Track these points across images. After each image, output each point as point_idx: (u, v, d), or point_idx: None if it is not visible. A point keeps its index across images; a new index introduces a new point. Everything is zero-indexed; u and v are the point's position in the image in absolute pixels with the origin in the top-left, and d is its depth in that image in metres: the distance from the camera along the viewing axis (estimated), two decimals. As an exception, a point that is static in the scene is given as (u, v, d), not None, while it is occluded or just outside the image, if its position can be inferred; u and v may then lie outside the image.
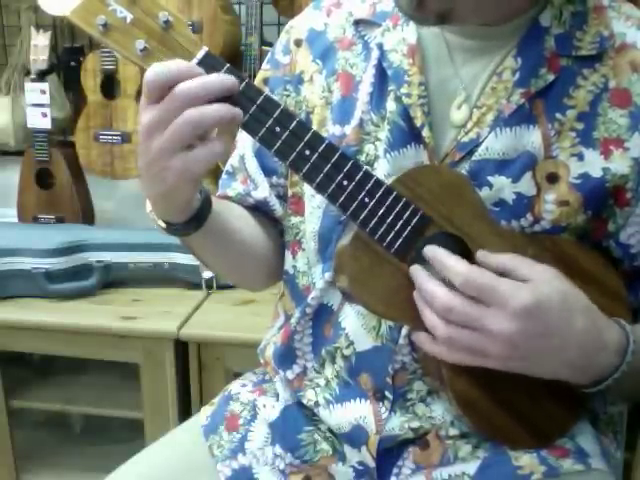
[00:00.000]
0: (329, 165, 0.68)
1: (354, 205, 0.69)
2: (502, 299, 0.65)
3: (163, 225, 0.75)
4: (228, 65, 0.66)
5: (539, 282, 0.66)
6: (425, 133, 0.75)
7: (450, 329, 0.66)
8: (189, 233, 0.75)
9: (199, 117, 0.62)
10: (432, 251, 0.70)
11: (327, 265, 0.81)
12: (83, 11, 0.65)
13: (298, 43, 0.85)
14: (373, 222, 0.69)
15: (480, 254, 0.70)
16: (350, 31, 0.81)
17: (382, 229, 0.70)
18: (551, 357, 0.68)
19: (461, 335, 0.66)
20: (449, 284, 0.67)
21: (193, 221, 0.74)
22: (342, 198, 0.69)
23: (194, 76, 0.63)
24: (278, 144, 0.67)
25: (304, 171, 0.68)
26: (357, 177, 0.69)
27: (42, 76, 1.80)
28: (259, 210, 0.89)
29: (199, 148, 0.64)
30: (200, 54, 0.66)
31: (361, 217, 0.69)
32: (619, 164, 0.73)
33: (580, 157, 0.73)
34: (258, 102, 0.66)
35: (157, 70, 0.62)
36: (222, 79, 0.64)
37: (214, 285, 1.65)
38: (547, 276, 0.67)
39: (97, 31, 0.65)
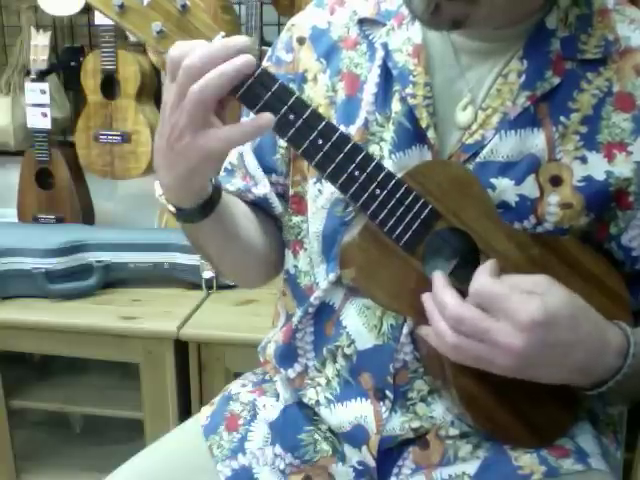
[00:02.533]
0: (341, 155, 0.68)
1: (365, 196, 0.69)
2: (512, 312, 0.65)
3: (173, 210, 0.74)
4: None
5: (545, 294, 0.66)
6: (430, 134, 0.75)
7: (458, 338, 0.67)
8: (198, 220, 0.75)
9: (202, 86, 0.62)
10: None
11: (331, 265, 0.81)
12: None
13: (301, 41, 0.84)
14: (383, 214, 0.70)
15: (472, 291, 0.69)
16: (354, 30, 0.81)
17: (392, 221, 0.70)
18: (556, 365, 0.68)
19: (469, 345, 0.66)
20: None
21: (204, 207, 0.74)
22: (353, 188, 0.69)
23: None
24: (292, 132, 0.67)
25: (316, 160, 0.68)
26: (369, 168, 0.69)
27: (42, 76, 1.80)
28: (258, 206, 0.89)
29: (223, 127, 0.65)
30: (217, 39, 0.65)
31: (371, 208, 0.70)
32: (622, 167, 0.73)
33: (583, 160, 0.73)
34: (273, 89, 0.66)
35: (180, 48, 0.63)
36: (238, 61, 0.63)
37: (214, 285, 1.65)
38: (545, 286, 0.67)
39: (114, 12, 0.65)
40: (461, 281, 0.70)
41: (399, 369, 0.79)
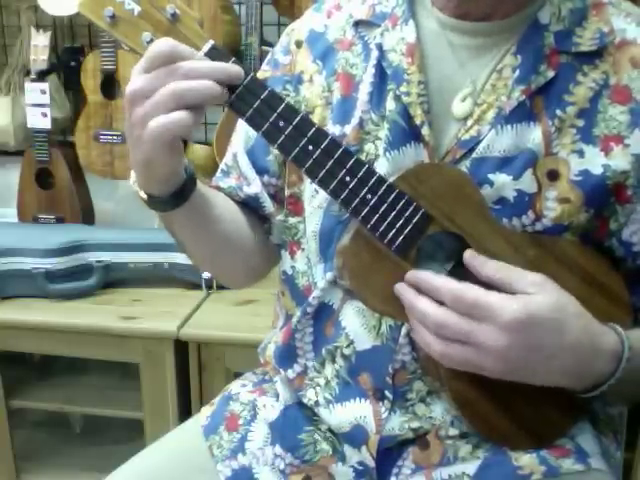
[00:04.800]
0: (332, 161, 0.68)
1: (356, 201, 0.69)
2: (492, 313, 0.65)
3: (144, 196, 0.74)
4: (234, 59, 0.66)
5: (528, 293, 0.66)
6: (425, 131, 0.75)
7: (444, 345, 0.67)
8: (169, 209, 0.75)
9: (184, 90, 0.63)
10: (414, 276, 0.70)
11: (328, 264, 0.81)
12: (91, 2, 0.66)
13: (299, 44, 0.85)
14: (375, 219, 0.70)
15: (466, 256, 0.70)
16: (350, 32, 0.82)
17: (383, 226, 0.70)
18: (545, 367, 0.68)
19: (455, 350, 0.67)
20: (439, 301, 0.68)
21: (174, 197, 0.74)
22: (344, 194, 0.69)
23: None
24: (281, 139, 0.67)
25: (307, 166, 0.68)
26: (360, 174, 0.69)
27: (42, 76, 1.80)
28: (248, 206, 0.89)
29: (169, 115, 0.64)
30: (206, 47, 0.66)
31: (363, 214, 0.70)
32: (619, 161, 0.73)
33: (580, 154, 0.73)
34: (262, 96, 0.66)
35: (169, 43, 0.63)
36: (227, 66, 0.64)
37: (214, 285, 1.65)
38: (537, 285, 0.67)
39: (104, 22, 0.65)
40: None
41: (398, 370, 0.79)
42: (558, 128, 0.73)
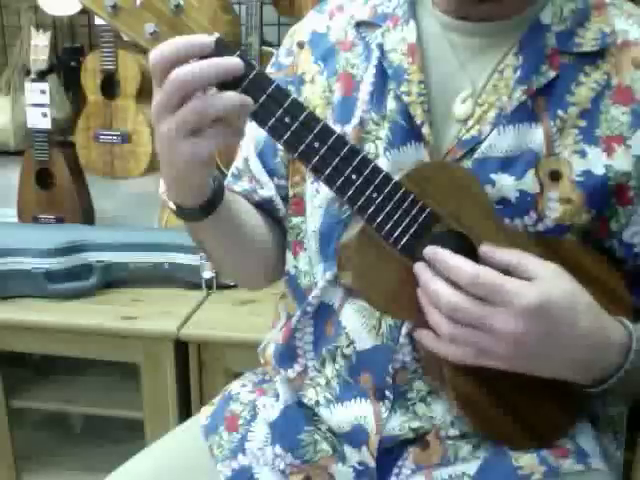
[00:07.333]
0: (338, 158, 0.67)
1: (362, 200, 0.69)
2: (508, 298, 0.65)
3: (174, 208, 0.74)
4: (239, 52, 0.65)
5: (545, 280, 0.66)
6: (425, 130, 0.75)
7: (454, 327, 0.67)
8: (199, 219, 0.75)
9: (205, 107, 0.62)
10: (434, 251, 0.69)
11: (328, 264, 0.81)
12: None
13: (301, 45, 0.85)
14: (380, 218, 0.69)
15: (483, 249, 0.70)
16: (352, 33, 0.82)
17: (389, 225, 0.70)
18: (556, 356, 0.68)
19: (465, 334, 0.66)
20: (453, 283, 0.67)
21: (205, 207, 0.74)
22: (350, 192, 0.69)
23: (201, 52, 0.62)
24: (287, 135, 0.66)
25: (313, 163, 0.67)
26: (366, 171, 0.68)
27: (42, 76, 1.80)
28: (263, 208, 0.90)
29: (207, 132, 0.63)
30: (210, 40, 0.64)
31: (368, 212, 0.69)
32: (621, 161, 0.73)
33: (582, 154, 0.73)
34: (268, 91, 0.65)
35: (159, 52, 0.62)
36: (220, 61, 0.62)
37: (214, 285, 1.65)
38: (552, 273, 0.67)
39: (106, 13, 0.64)
40: None
41: (398, 369, 0.79)
42: (560, 128, 0.73)
